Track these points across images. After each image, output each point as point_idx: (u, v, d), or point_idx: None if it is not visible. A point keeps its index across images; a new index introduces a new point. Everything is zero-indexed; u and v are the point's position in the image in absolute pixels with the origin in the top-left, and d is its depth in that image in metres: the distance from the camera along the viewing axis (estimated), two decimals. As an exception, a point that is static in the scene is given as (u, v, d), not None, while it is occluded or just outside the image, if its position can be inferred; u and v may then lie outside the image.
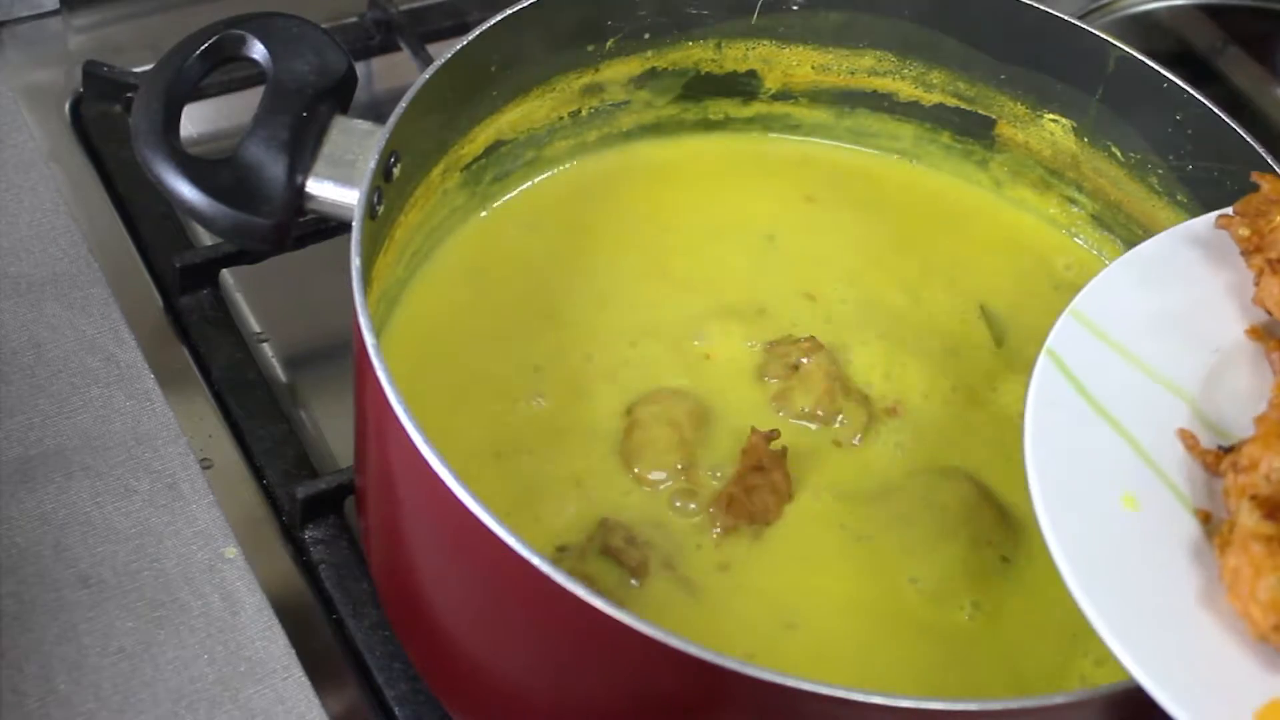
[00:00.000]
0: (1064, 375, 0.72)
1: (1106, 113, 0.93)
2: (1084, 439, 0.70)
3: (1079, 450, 0.69)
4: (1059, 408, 0.71)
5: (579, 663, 0.71)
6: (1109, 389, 0.72)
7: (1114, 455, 0.69)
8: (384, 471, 0.76)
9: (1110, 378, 0.72)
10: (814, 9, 0.95)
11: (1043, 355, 0.73)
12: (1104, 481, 0.68)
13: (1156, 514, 0.67)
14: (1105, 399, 0.71)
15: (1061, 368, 0.72)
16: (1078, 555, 0.64)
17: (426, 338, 0.86)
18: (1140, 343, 0.74)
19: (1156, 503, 0.68)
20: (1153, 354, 0.74)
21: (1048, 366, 0.72)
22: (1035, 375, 0.72)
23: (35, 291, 0.95)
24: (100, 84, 1.09)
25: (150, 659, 0.81)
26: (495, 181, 0.93)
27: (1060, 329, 0.74)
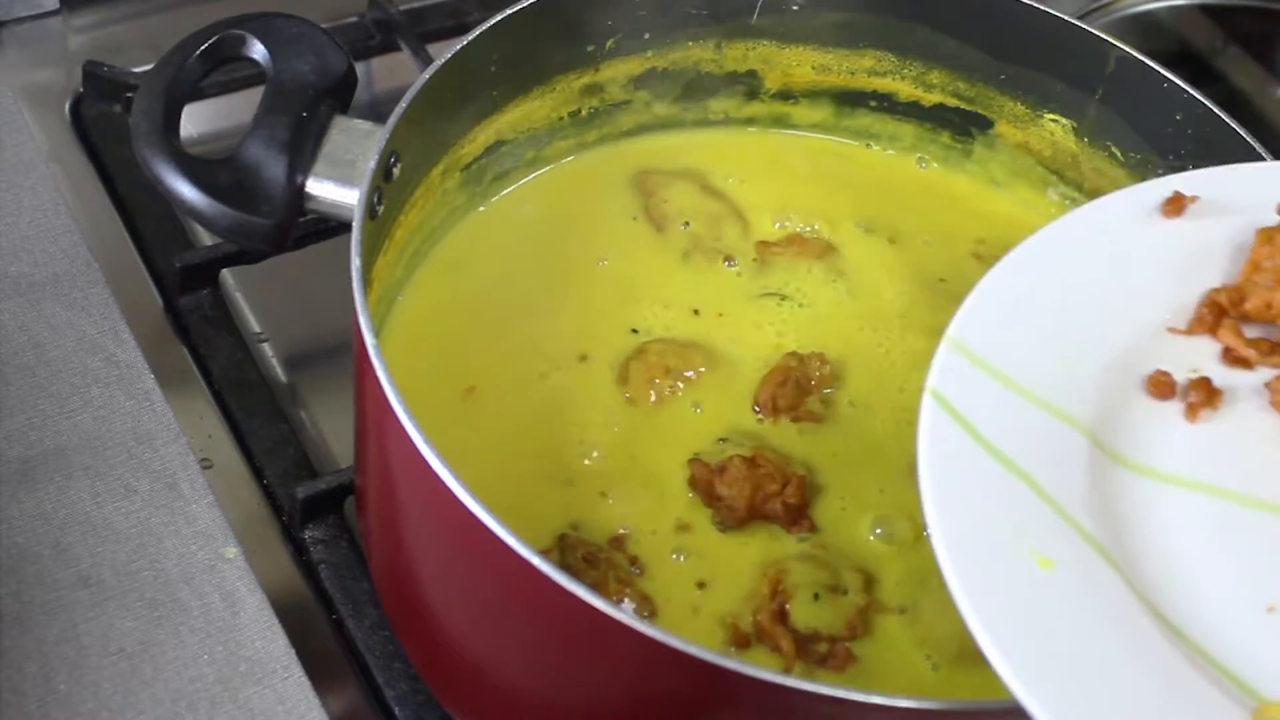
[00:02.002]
0: (952, 417, 0.66)
1: (1106, 113, 0.93)
2: (984, 489, 0.64)
3: (982, 505, 0.64)
4: (953, 457, 0.65)
5: (579, 663, 0.71)
6: (1000, 427, 0.66)
7: (1019, 504, 0.64)
8: (384, 471, 0.76)
9: (1000, 414, 0.67)
10: (814, 9, 0.95)
11: (926, 397, 0.66)
12: (1014, 540, 0.63)
13: (1071, 570, 0.63)
14: (998, 440, 0.66)
15: (948, 409, 0.66)
16: (1000, 632, 0.60)
17: (426, 337, 0.86)
18: (1023, 368, 0.69)
19: (1069, 555, 0.63)
20: (1038, 379, 0.68)
21: (934, 409, 0.66)
22: (922, 421, 0.66)
23: (35, 291, 0.95)
24: (100, 84, 1.09)
25: (150, 659, 0.81)
26: (495, 181, 0.93)
27: (940, 364, 0.68)
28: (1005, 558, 0.62)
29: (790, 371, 0.85)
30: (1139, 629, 0.62)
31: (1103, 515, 0.65)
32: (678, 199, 0.94)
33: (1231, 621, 0.63)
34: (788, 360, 0.86)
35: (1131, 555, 0.64)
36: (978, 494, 0.64)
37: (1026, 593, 0.61)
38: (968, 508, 0.63)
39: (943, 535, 0.62)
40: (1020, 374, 0.68)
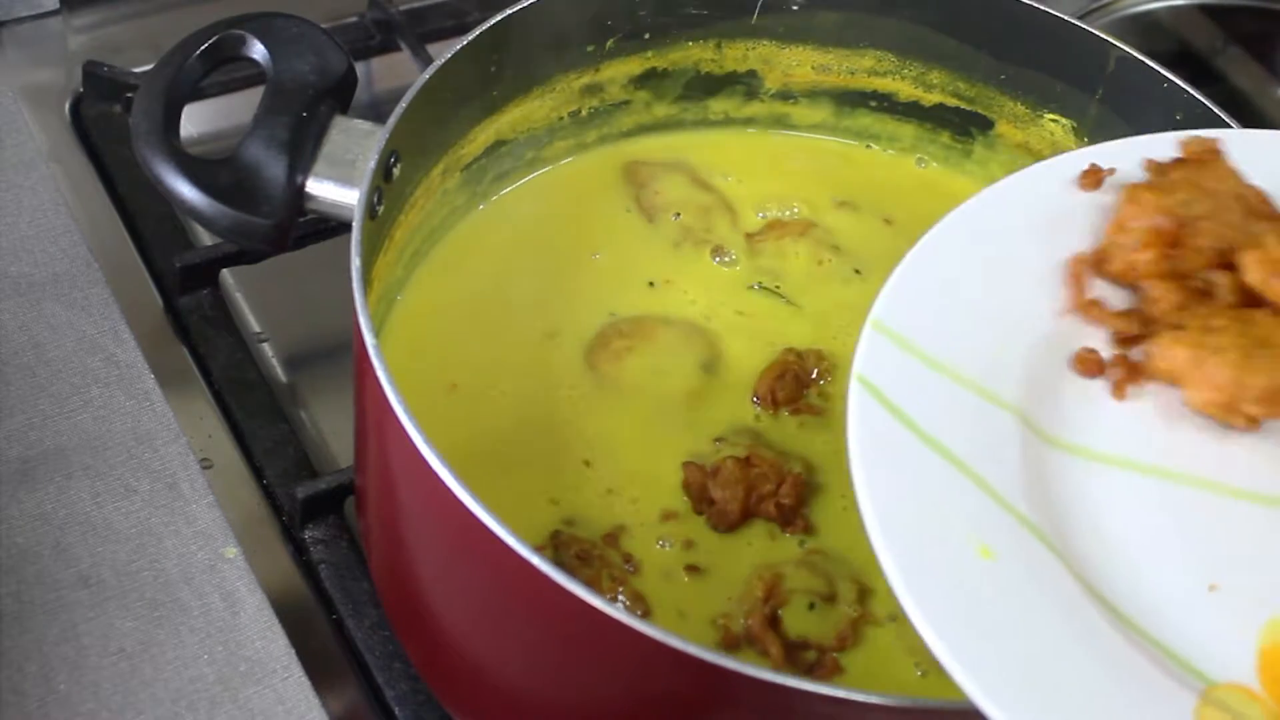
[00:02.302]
0: (881, 404, 0.64)
1: (1106, 113, 0.93)
2: (919, 479, 0.63)
3: (918, 494, 0.62)
4: (885, 444, 0.63)
5: (579, 663, 0.71)
6: (931, 413, 0.64)
7: (955, 493, 0.63)
8: (384, 471, 0.76)
9: (929, 398, 0.65)
10: (814, 9, 0.95)
11: (853, 382, 0.64)
12: (953, 529, 0.61)
13: (1012, 559, 0.61)
14: (930, 426, 0.64)
15: (876, 395, 0.64)
16: (943, 624, 0.59)
17: (426, 337, 0.86)
18: (950, 350, 0.67)
19: (1010, 544, 0.62)
20: (965, 361, 0.67)
21: (861, 396, 0.64)
22: (850, 409, 0.64)
23: (35, 291, 0.95)
24: (100, 84, 1.09)
25: (150, 659, 0.81)
26: (495, 181, 0.93)
27: (866, 348, 0.66)
28: (946, 549, 0.61)
29: (789, 365, 0.85)
30: (1084, 616, 0.61)
31: (1039, 499, 0.64)
32: (669, 190, 0.94)
33: (1174, 603, 0.63)
34: (786, 355, 0.86)
35: (1070, 539, 0.63)
36: (913, 483, 0.62)
37: (969, 584, 0.60)
38: (904, 498, 0.62)
39: (880, 527, 0.61)
40: (947, 356, 0.67)
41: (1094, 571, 0.63)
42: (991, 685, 0.58)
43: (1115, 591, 0.62)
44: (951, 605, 0.59)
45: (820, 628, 0.77)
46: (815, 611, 0.77)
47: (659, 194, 0.94)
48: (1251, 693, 0.61)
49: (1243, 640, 0.62)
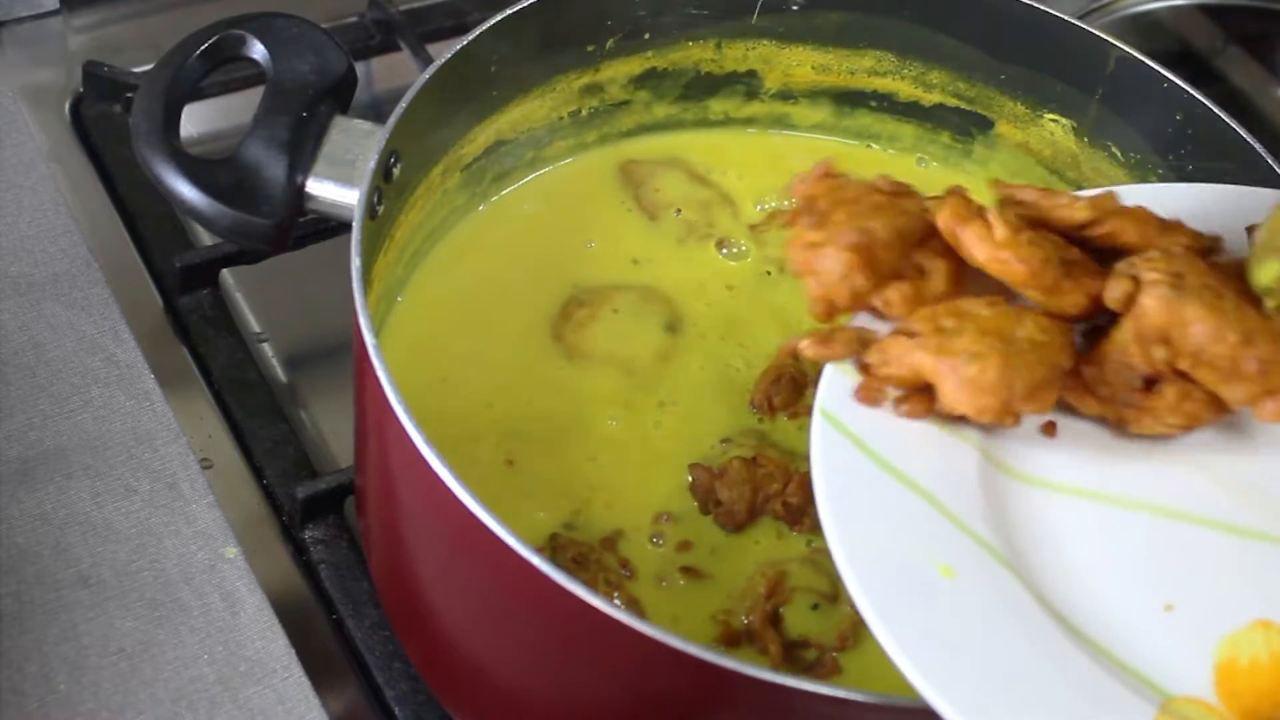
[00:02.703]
0: (842, 434, 0.67)
1: (1106, 113, 0.93)
2: (882, 505, 0.65)
3: (880, 519, 0.64)
4: (848, 473, 0.66)
5: (579, 663, 0.71)
6: (891, 444, 0.67)
7: (916, 518, 0.65)
8: (384, 471, 0.76)
9: (890, 430, 0.67)
10: (814, 9, 0.95)
11: (816, 415, 0.67)
12: (914, 552, 0.64)
13: (973, 578, 0.63)
14: (891, 456, 0.66)
15: (838, 426, 0.67)
16: (907, 640, 0.60)
17: (426, 336, 0.86)
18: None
19: (970, 565, 0.64)
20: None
21: (824, 428, 0.67)
22: (814, 441, 0.66)
23: (35, 291, 0.95)
24: (100, 84, 1.09)
25: (150, 659, 0.81)
26: (495, 181, 0.93)
27: (827, 383, 0.68)
28: (908, 570, 0.63)
29: (784, 369, 0.85)
30: (1044, 633, 0.63)
31: (998, 524, 0.66)
32: (668, 187, 0.94)
33: (1132, 623, 0.64)
34: (782, 357, 0.86)
35: (1030, 563, 0.65)
36: (875, 509, 0.65)
37: (932, 602, 0.62)
38: (867, 523, 0.64)
39: (844, 551, 0.63)
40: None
41: (1053, 592, 0.65)
42: (955, 696, 0.59)
43: (1074, 611, 0.64)
44: (913, 621, 0.61)
45: (822, 627, 0.77)
46: (818, 611, 0.77)
47: (658, 191, 0.94)
48: (1209, 706, 0.62)
49: (1198, 656, 0.64)
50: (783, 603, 0.77)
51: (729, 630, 0.76)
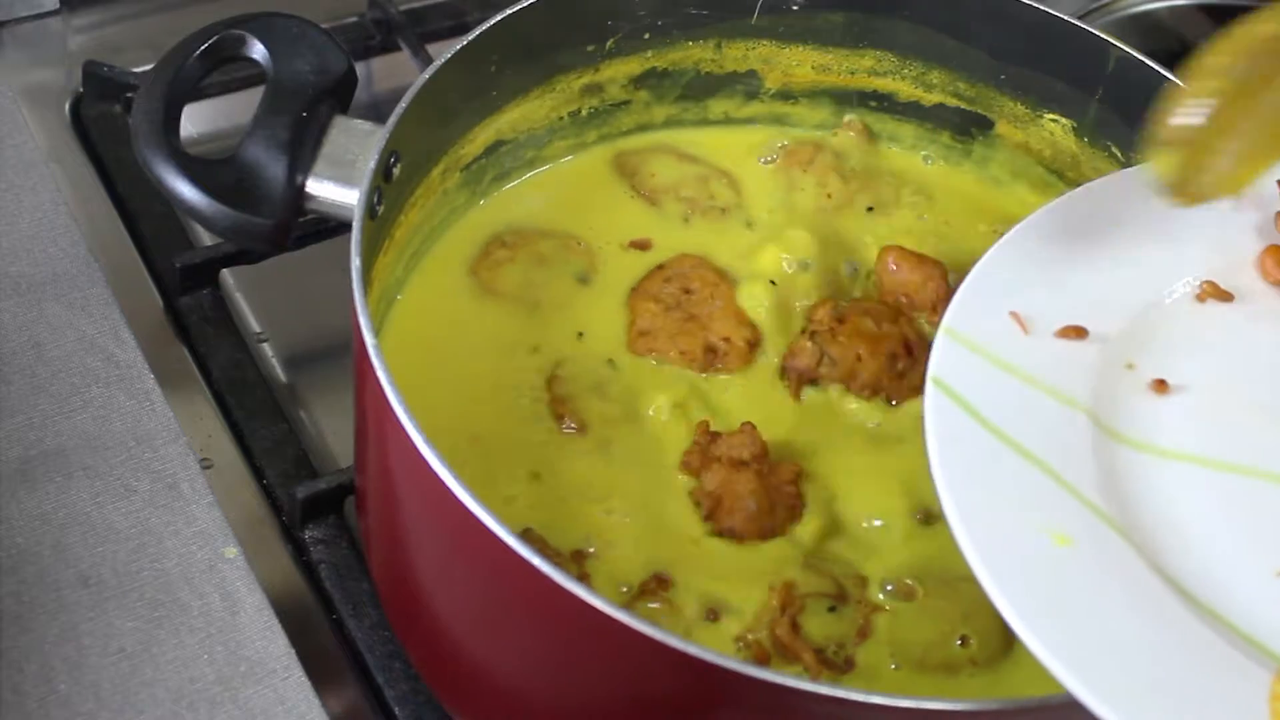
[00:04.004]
0: (956, 403, 0.68)
1: (1106, 113, 0.93)
2: (995, 473, 0.66)
3: (995, 487, 0.66)
4: (961, 442, 0.67)
5: (579, 663, 0.71)
6: (1004, 411, 0.68)
7: (1030, 486, 0.66)
8: (384, 471, 0.76)
9: (1002, 398, 0.69)
10: (814, 9, 0.95)
11: (929, 385, 0.68)
12: (1030, 519, 0.65)
13: (1087, 546, 0.65)
14: (1003, 423, 0.68)
15: (952, 395, 0.68)
16: (1026, 609, 0.61)
17: (426, 335, 0.86)
18: (1020, 352, 0.71)
19: (1084, 532, 0.65)
20: (1035, 363, 0.71)
21: (937, 397, 0.68)
22: (927, 409, 0.67)
23: (35, 291, 0.95)
24: (100, 84, 1.09)
25: (150, 659, 0.81)
26: (495, 181, 0.93)
27: (939, 352, 0.70)
28: (1023, 538, 0.64)
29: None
30: (1159, 599, 0.64)
31: (1111, 492, 0.67)
32: (662, 171, 0.95)
33: (1245, 589, 0.65)
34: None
35: (1143, 530, 0.66)
36: (989, 478, 0.66)
37: (1048, 571, 0.63)
38: (981, 492, 0.65)
39: (961, 521, 0.64)
40: (1018, 358, 0.70)
41: (1167, 559, 0.66)
42: (1073, 663, 0.60)
43: (1188, 577, 0.65)
44: (1031, 590, 0.62)
45: (842, 628, 0.77)
46: (836, 614, 0.77)
47: (654, 175, 0.94)
48: None
49: None
50: (799, 612, 0.76)
51: (760, 650, 0.75)
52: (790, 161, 0.97)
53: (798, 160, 0.96)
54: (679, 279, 0.89)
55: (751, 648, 0.75)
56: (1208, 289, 0.76)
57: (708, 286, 0.89)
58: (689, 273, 0.89)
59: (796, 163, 0.96)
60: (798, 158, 0.97)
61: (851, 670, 0.75)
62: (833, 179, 0.95)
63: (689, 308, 0.88)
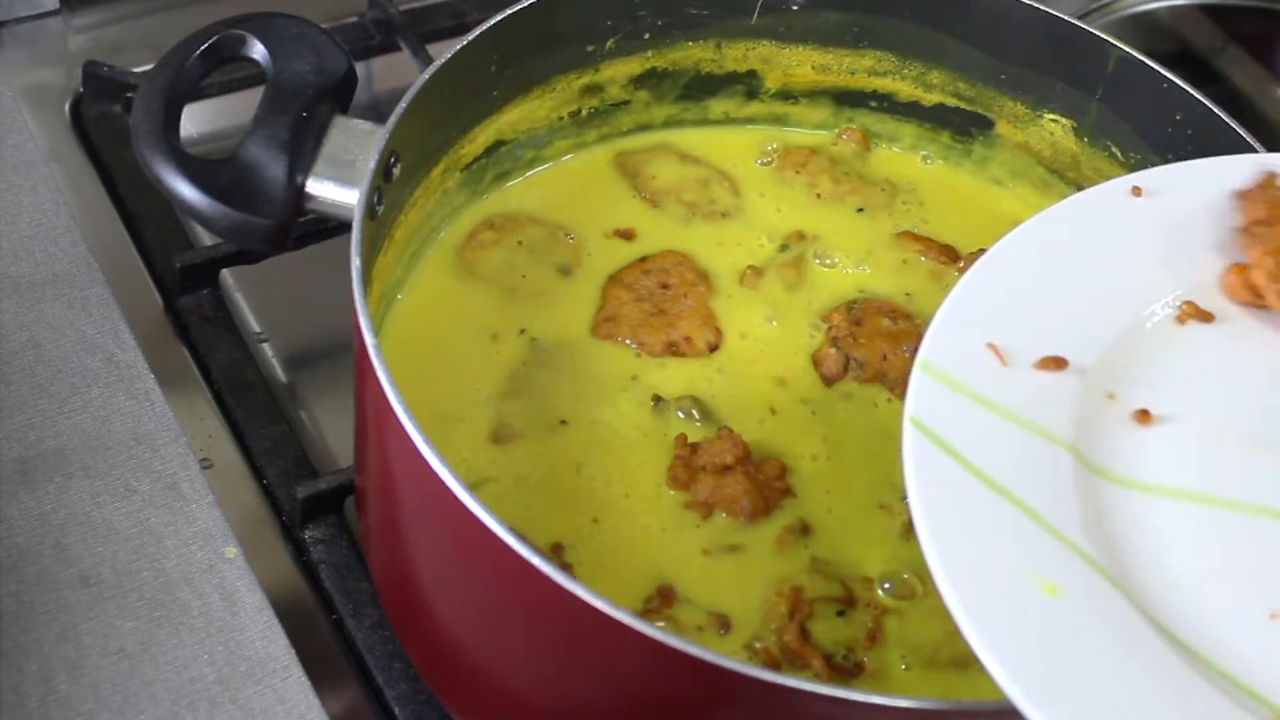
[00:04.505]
0: (936, 445, 0.65)
1: (1106, 113, 0.93)
2: (979, 518, 0.63)
3: (979, 533, 0.63)
4: (943, 487, 0.64)
5: (579, 663, 0.70)
6: (985, 451, 0.65)
7: (1015, 531, 0.63)
8: (384, 471, 0.76)
9: (982, 437, 0.66)
10: (814, 9, 0.95)
11: (906, 425, 0.66)
12: (1016, 567, 0.62)
13: (1075, 594, 0.62)
14: (985, 464, 0.65)
15: (932, 437, 0.65)
16: (1012, 663, 0.59)
17: (426, 335, 0.86)
18: (997, 386, 0.68)
19: (1071, 579, 0.62)
20: (1013, 397, 0.68)
21: (917, 439, 0.65)
22: (906, 452, 0.65)
23: (35, 291, 0.95)
24: (100, 84, 1.09)
25: (150, 659, 0.81)
26: (495, 181, 0.93)
27: (916, 389, 0.67)
28: (1009, 587, 0.62)
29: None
30: (1149, 648, 0.62)
31: (1097, 532, 0.65)
32: (663, 173, 0.95)
33: (1237, 633, 0.63)
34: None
35: (1130, 572, 0.64)
36: (972, 522, 0.63)
37: (1034, 621, 0.61)
38: (966, 539, 0.63)
39: (944, 568, 0.61)
40: (997, 394, 0.68)
41: (1155, 603, 0.63)
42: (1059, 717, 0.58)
43: (1178, 623, 0.63)
44: (1018, 643, 0.60)
45: (851, 632, 0.77)
46: (844, 618, 0.77)
47: (655, 178, 0.95)
48: None
49: None
50: (807, 617, 0.76)
51: (769, 657, 0.75)
52: (785, 163, 0.97)
53: (791, 162, 0.97)
54: (658, 273, 0.89)
55: (760, 655, 0.75)
56: (1187, 310, 0.73)
57: (685, 285, 0.89)
58: (670, 269, 0.90)
59: (790, 164, 0.96)
60: (792, 160, 0.97)
61: (861, 675, 0.75)
62: (824, 181, 0.95)
63: (660, 302, 0.88)
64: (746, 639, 0.76)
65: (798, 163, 0.97)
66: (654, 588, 0.77)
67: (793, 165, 0.96)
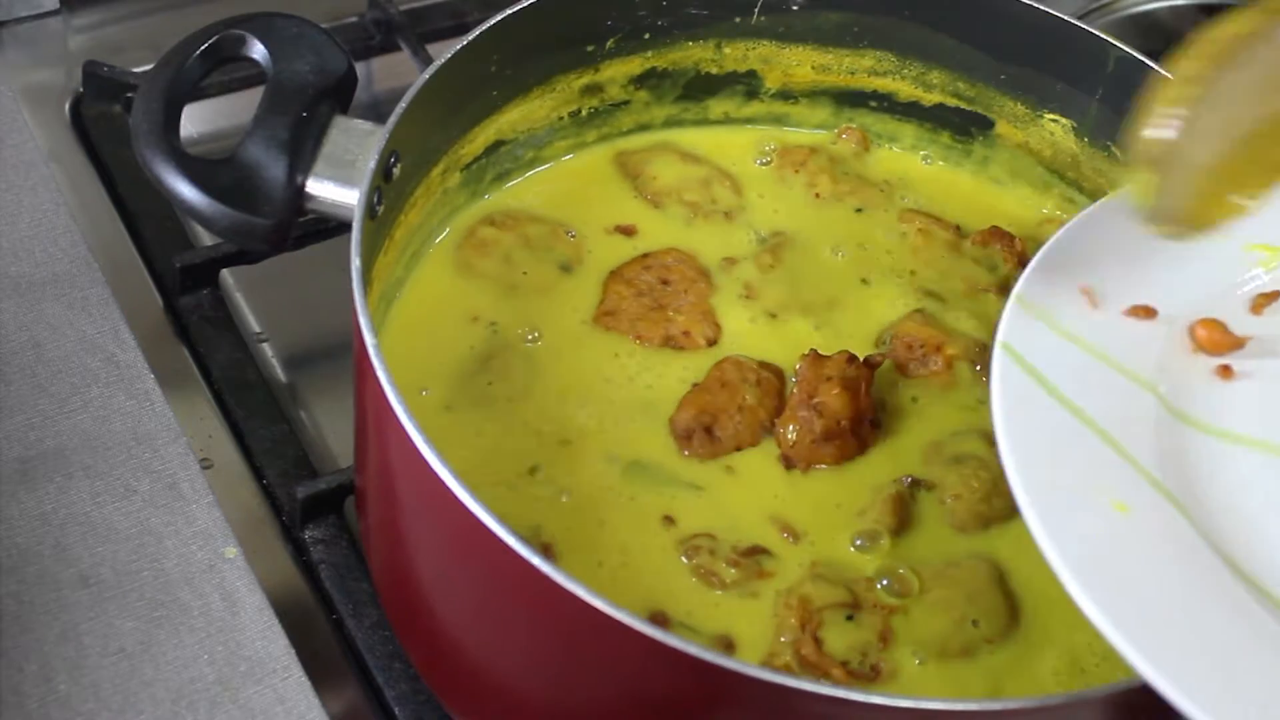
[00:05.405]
0: (1022, 368, 0.70)
1: (1106, 113, 0.93)
2: (1057, 436, 0.67)
3: (1056, 449, 0.67)
4: (1025, 404, 0.68)
5: (579, 663, 0.70)
6: (1069, 380, 0.70)
7: (1091, 453, 0.67)
8: (384, 471, 0.76)
9: (1068, 367, 0.70)
10: (814, 9, 0.95)
11: (997, 349, 0.70)
12: (1088, 483, 0.66)
13: (1145, 515, 0.65)
14: (1068, 391, 0.69)
15: (1018, 360, 0.70)
16: (1080, 568, 0.62)
17: (426, 335, 0.86)
18: (1087, 327, 0.72)
19: (1142, 502, 0.66)
20: (1102, 338, 0.72)
21: (1005, 361, 0.70)
22: (994, 372, 0.70)
23: (35, 291, 0.95)
24: (100, 84, 1.09)
25: (150, 659, 0.81)
26: (495, 181, 0.93)
27: (1009, 318, 0.72)
28: (1082, 502, 0.65)
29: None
30: (1213, 573, 0.64)
31: (1170, 467, 0.68)
32: (664, 173, 0.95)
33: None
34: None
35: (1199, 505, 0.67)
36: (1052, 442, 0.67)
37: (1104, 535, 0.64)
38: (1043, 454, 0.66)
39: (1020, 480, 0.65)
40: (1083, 331, 0.72)
41: (1222, 537, 0.66)
42: (1124, 625, 0.61)
43: (1243, 556, 0.66)
44: (1086, 551, 0.63)
45: (862, 635, 0.76)
46: (854, 621, 0.77)
47: (656, 178, 0.95)
48: None
49: None
50: (818, 626, 0.76)
51: (788, 671, 0.74)
52: (784, 162, 0.97)
53: (791, 161, 0.97)
54: (659, 269, 0.90)
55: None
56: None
57: (685, 281, 0.89)
58: (670, 265, 0.90)
59: (790, 164, 0.96)
60: (791, 159, 0.97)
61: (879, 678, 0.75)
62: (823, 180, 0.96)
63: (660, 297, 0.88)
64: (760, 659, 0.75)
65: (797, 162, 0.97)
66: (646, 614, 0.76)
67: (792, 165, 0.97)
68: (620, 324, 0.87)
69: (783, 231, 0.93)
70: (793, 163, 0.97)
